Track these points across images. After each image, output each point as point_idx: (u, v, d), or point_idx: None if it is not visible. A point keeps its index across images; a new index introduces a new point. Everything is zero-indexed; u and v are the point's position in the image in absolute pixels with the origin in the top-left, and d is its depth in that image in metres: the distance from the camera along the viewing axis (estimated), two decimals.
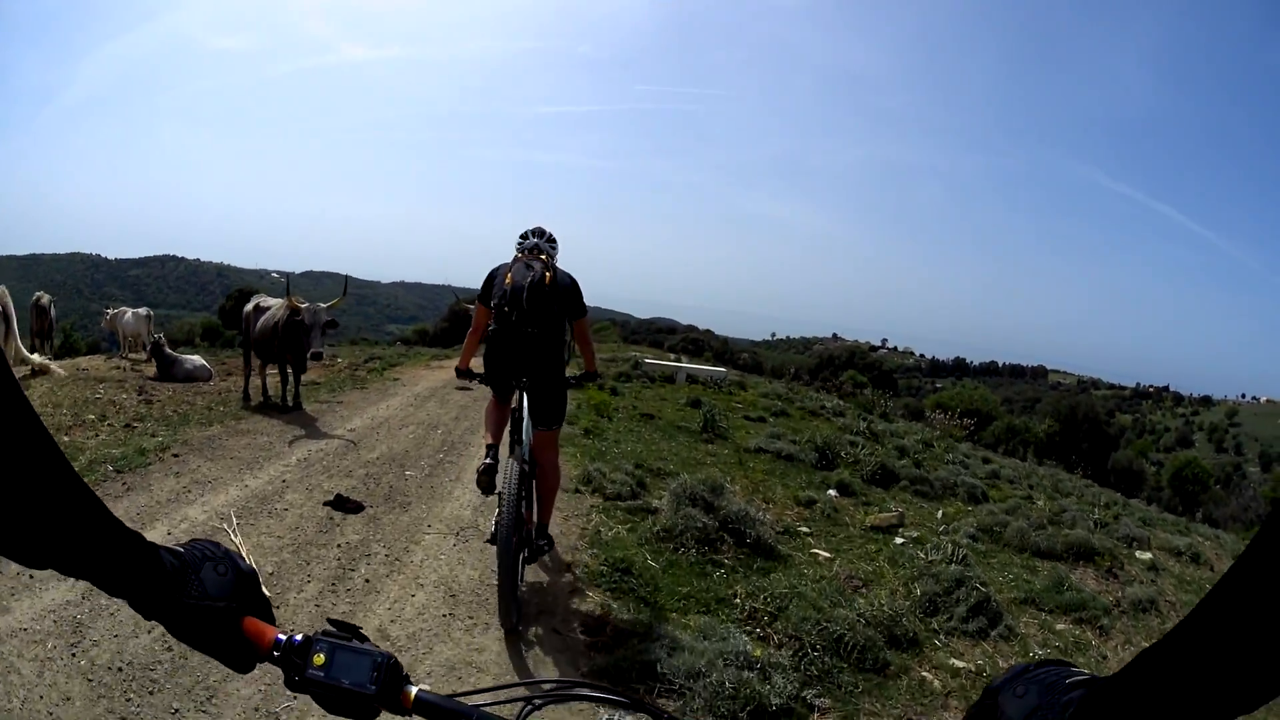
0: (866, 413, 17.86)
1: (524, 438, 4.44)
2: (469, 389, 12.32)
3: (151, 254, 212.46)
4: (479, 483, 4.60)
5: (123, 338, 15.15)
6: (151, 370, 12.49)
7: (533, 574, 5.12)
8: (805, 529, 7.23)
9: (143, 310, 15.74)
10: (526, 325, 4.41)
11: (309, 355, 9.31)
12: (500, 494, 4.26)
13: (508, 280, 4.46)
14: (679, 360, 22.88)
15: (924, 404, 31.00)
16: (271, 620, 0.99)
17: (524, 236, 4.82)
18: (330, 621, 0.99)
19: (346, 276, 9.80)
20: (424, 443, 8.86)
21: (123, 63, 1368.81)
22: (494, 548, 4.39)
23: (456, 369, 5.11)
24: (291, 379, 10.03)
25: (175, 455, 7.00)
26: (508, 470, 4.21)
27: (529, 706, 1.07)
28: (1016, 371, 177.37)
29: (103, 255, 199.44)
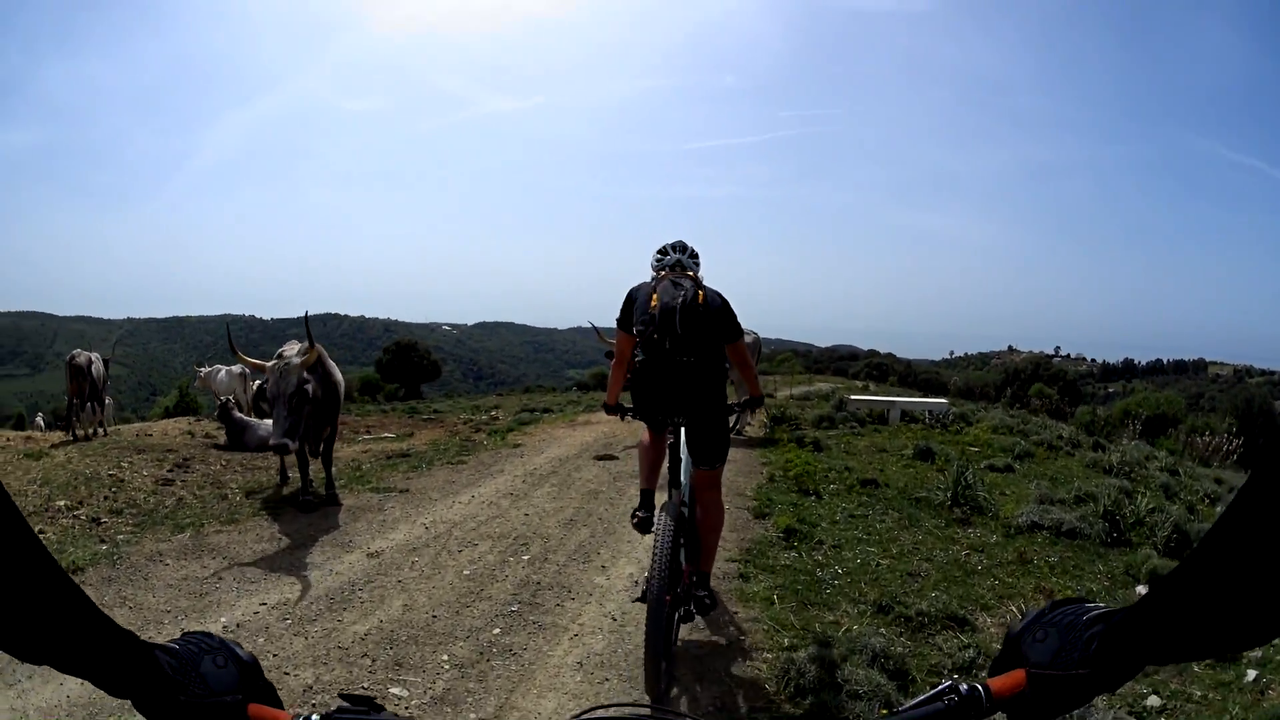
0: (1101, 439, 14.58)
1: (682, 479, 4.02)
2: (614, 459, 9.55)
3: (312, 313, 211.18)
4: (634, 524, 4.20)
5: (218, 400, 12.60)
6: (223, 438, 10.54)
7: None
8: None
9: (236, 368, 13.52)
10: (680, 354, 3.86)
11: (272, 445, 6.34)
12: (654, 544, 3.58)
13: (653, 303, 3.90)
14: (887, 394, 19.52)
15: (1113, 411, 27.29)
16: (279, 705, 0.93)
17: (663, 252, 4.28)
18: (343, 696, 0.93)
19: (306, 313, 7.41)
20: (485, 586, 5.14)
21: (250, 129, 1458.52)
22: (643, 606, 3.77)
23: (605, 405, 4.51)
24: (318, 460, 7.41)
25: (106, 577, 5.16)
26: (661, 517, 3.65)
27: None
28: (1179, 367, 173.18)
29: (257, 316, 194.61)
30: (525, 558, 5.63)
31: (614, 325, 4.17)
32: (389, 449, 10.14)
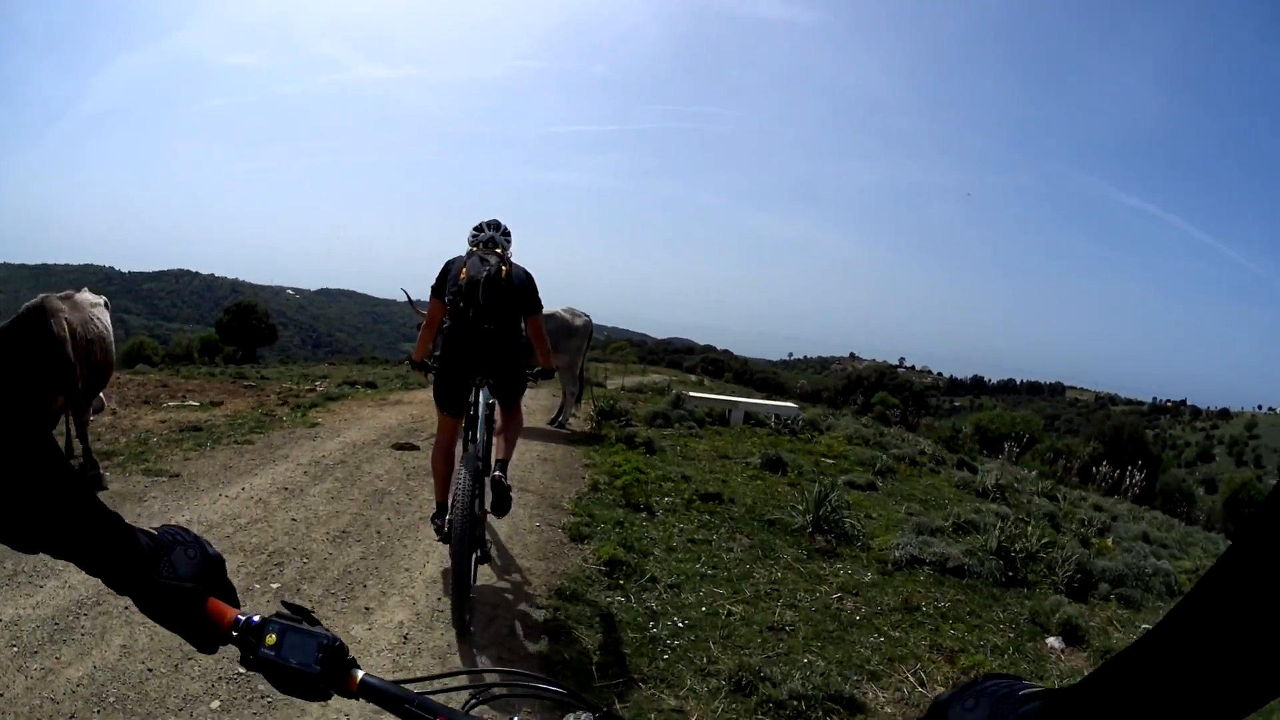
0: (965, 456, 14.46)
1: (479, 437, 4.43)
2: (414, 448, 8.22)
3: (165, 268, 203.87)
4: (436, 529, 4.54)
5: None
6: None
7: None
8: None
9: None
10: (482, 321, 4.28)
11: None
12: (454, 494, 4.04)
13: (462, 275, 4.31)
14: (729, 393, 18.50)
15: (965, 425, 28.48)
16: (236, 605, 1.01)
17: (478, 229, 4.68)
18: (284, 604, 1.02)
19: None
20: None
21: (135, 78, 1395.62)
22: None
23: (410, 360, 5.15)
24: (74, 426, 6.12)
25: None
26: (460, 471, 4.05)
27: (473, 701, 1.08)
28: (1034, 388, 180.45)
29: (116, 268, 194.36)
30: (275, 585, 4.35)
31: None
32: (187, 419, 8.67)
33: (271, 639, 0.95)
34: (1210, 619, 0.62)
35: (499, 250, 4.53)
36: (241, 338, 32.72)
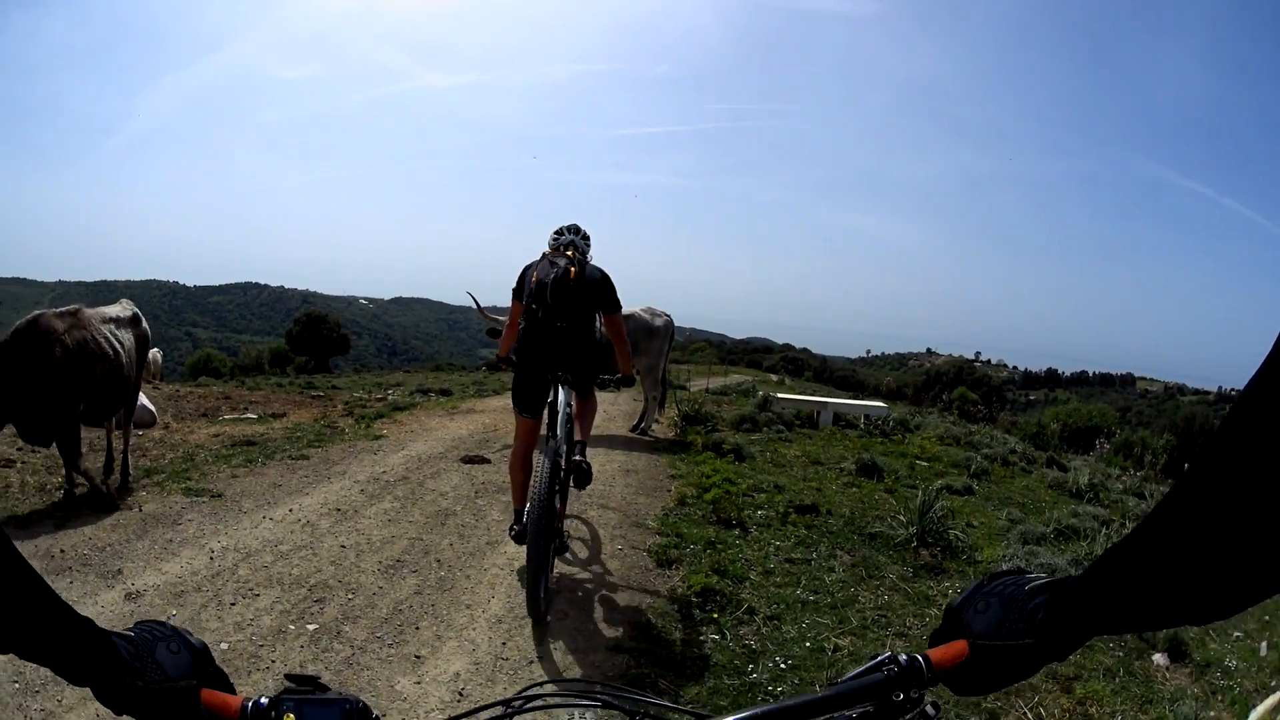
0: (1055, 454, 13.57)
1: (559, 431, 4.50)
2: (484, 462, 7.70)
3: (233, 281, 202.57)
4: (514, 537, 4.57)
5: None
6: None
7: None
8: None
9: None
10: (555, 319, 4.40)
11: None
12: (533, 481, 4.04)
13: (534, 277, 4.44)
14: (813, 393, 17.79)
15: (1046, 419, 26.76)
16: (231, 690, 0.93)
17: (558, 233, 4.77)
18: (289, 677, 0.92)
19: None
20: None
21: (188, 94, 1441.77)
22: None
23: (497, 357, 5.34)
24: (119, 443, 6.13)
25: None
26: (540, 460, 4.07)
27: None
28: (1106, 380, 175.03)
29: (181, 283, 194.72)
30: (311, 626, 3.78)
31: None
32: (242, 433, 8.28)
33: (290, 719, 0.86)
34: (1206, 499, 0.64)
35: (569, 252, 4.57)
36: (313, 348, 33.27)
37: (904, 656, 0.83)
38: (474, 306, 8.76)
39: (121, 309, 5.93)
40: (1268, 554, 0.60)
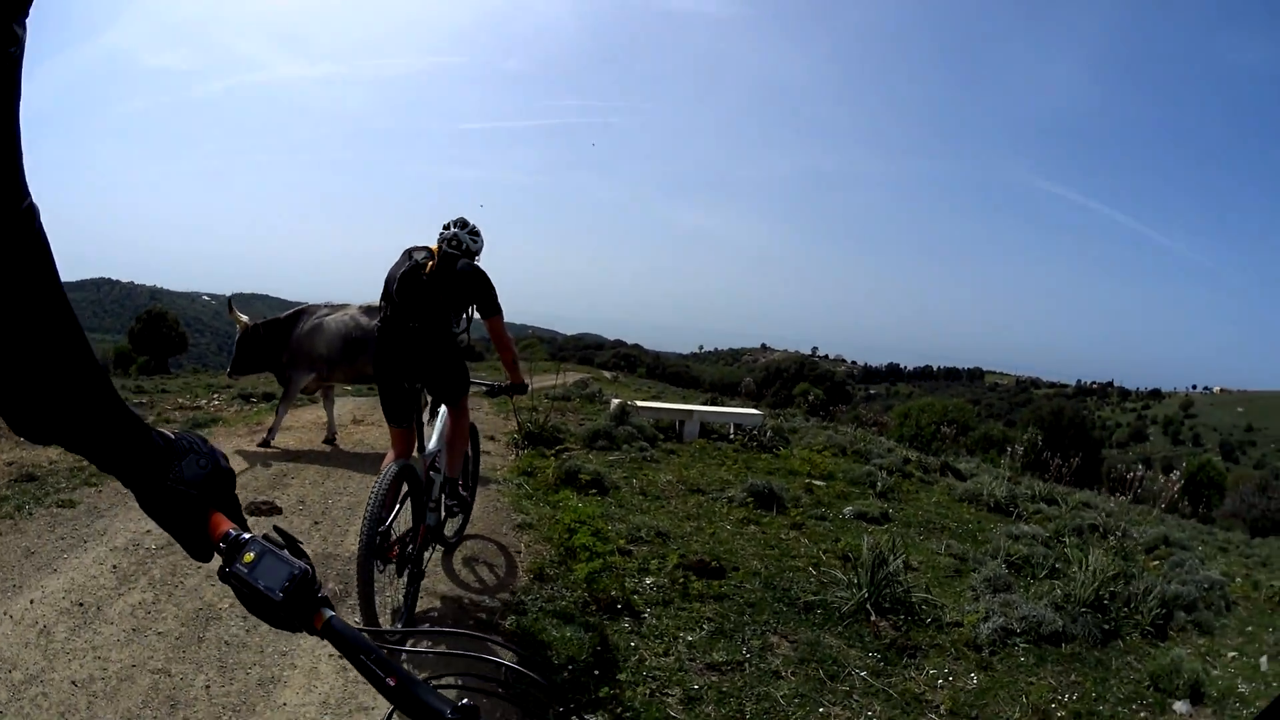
0: (947, 460, 13.06)
1: (429, 445, 4.34)
2: (277, 511, 5.83)
3: (87, 277, 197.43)
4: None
5: None
6: None
7: None
8: None
9: None
10: (406, 319, 4.05)
11: None
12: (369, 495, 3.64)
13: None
14: (662, 396, 16.88)
15: (890, 415, 27.79)
16: (241, 522, 0.97)
17: (445, 228, 4.42)
18: (276, 529, 0.96)
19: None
20: None
21: (64, 79, 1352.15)
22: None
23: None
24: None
25: None
26: (384, 469, 3.75)
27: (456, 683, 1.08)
28: (952, 374, 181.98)
29: None
30: None
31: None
32: (32, 460, 6.14)
33: (249, 557, 0.90)
34: None
35: (428, 247, 4.26)
36: (153, 347, 31.99)
37: None
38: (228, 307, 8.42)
39: None
40: None
